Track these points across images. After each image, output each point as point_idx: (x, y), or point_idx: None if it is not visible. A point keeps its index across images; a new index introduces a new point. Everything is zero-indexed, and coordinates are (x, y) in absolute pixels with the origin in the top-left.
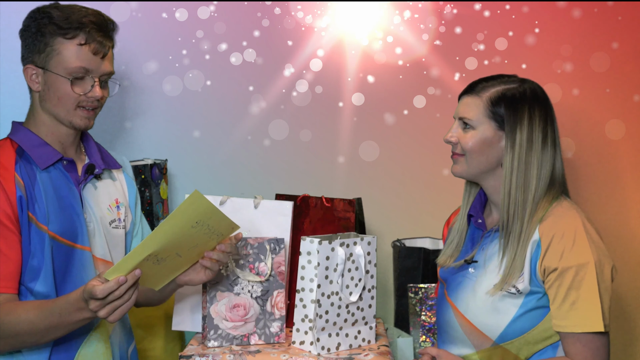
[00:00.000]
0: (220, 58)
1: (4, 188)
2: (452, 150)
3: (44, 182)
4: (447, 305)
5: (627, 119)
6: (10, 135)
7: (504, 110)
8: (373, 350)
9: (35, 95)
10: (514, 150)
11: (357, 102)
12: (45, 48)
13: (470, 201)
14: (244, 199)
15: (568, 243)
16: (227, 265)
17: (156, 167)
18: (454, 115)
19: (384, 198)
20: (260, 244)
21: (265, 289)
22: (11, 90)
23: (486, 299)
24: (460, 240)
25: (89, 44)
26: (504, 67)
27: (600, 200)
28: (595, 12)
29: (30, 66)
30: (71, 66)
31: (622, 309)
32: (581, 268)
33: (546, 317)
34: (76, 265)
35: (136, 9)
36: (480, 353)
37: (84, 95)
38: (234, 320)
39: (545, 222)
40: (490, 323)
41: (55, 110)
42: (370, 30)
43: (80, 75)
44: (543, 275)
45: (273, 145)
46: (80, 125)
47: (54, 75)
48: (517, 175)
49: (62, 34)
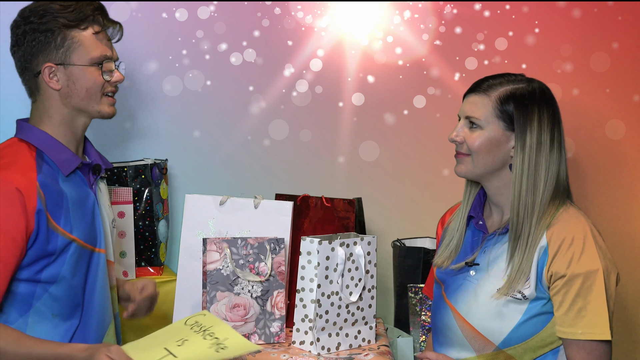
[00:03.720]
0: (220, 58)
1: (24, 203)
2: (457, 150)
3: (67, 188)
4: (445, 307)
5: (627, 119)
6: (24, 137)
7: (514, 110)
8: (373, 350)
9: (52, 95)
10: (524, 152)
11: (357, 102)
12: (64, 43)
13: (471, 202)
14: (244, 199)
15: (577, 250)
16: (227, 265)
17: (156, 167)
18: (458, 113)
19: (384, 198)
20: (260, 244)
21: (265, 289)
22: (11, 90)
23: (490, 304)
24: (459, 242)
25: (104, 31)
26: (504, 67)
27: (600, 201)
28: (595, 12)
29: (49, 65)
30: (95, 55)
31: (621, 311)
32: (589, 275)
33: (549, 323)
34: (94, 268)
35: (136, 9)
36: (482, 357)
37: (109, 81)
38: (234, 320)
39: (553, 228)
40: (494, 328)
41: (83, 103)
42: (370, 30)
43: (103, 63)
44: (549, 281)
45: (273, 145)
46: (109, 112)
47: (78, 68)
48: (528, 177)
49: (75, 25)
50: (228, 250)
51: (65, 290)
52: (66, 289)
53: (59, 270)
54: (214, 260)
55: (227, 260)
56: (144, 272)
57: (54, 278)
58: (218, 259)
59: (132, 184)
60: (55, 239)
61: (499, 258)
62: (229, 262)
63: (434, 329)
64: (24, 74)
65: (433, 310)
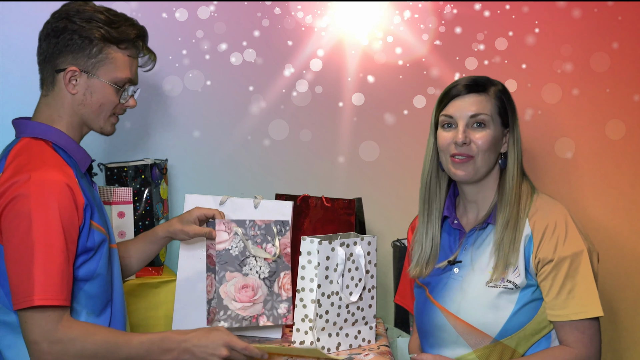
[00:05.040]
0: (220, 58)
1: (74, 198)
2: (459, 152)
3: (84, 186)
4: (433, 308)
5: (627, 119)
6: (38, 135)
7: (508, 106)
8: (373, 350)
9: (65, 96)
10: (516, 145)
11: (357, 102)
12: (98, 55)
13: (442, 203)
14: (244, 199)
15: (561, 234)
16: (236, 245)
17: (156, 167)
18: (452, 114)
19: (384, 198)
20: (267, 225)
21: (272, 270)
22: (11, 90)
23: (482, 297)
24: (435, 248)
25: (139, 57)
26: (504, 67)
27: (600, 200)
28: (595, 12)
29: (74, 68)
30: (121, 76)
31: (611, 308)
32: (575, 257)
33: (540, 309)
34: (115, 264)
35: (136, 9)
36: (478, 351)
37: (122, 104)
38: (242, 301)
39: (535, 216)
40: (489, 321)
41: (91, 116)
42: (370, 30)
43: (125, 86)
44: (536, 268)
45: (273, 145)
46: (109, 131)
47: (101, 82)
48: (519, 169)
49: (115, 42)
50: (239, 229)
51: (101, 286)
52: (102, 285)
53: (95, 267)
54: (222, 240)
55: (238, 239)
56: (144, 271)
57: (91, 275)
58: (227, 239)
59: (132, 184)
60: (93, 235)
61: (482, 253)
62: (241, 240)
63: (422, 332)
64: (44, 63)
65: (418, 314)
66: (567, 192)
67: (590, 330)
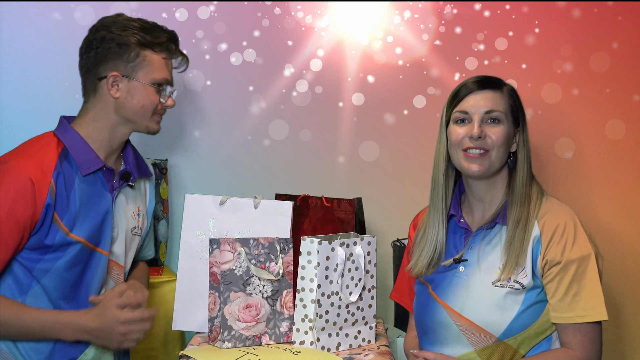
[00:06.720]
0: (220, 58)
1: (34, 194)
2: (473, 146)
3: (80, 188)
4: (436, 305)
5: (627, 119)
6: (58, 133)
7: (517, 104)
8: (373, 350)
9: (107, 101)
10: (526, 144)
11: (357, 102)
12: (136, 59)
13: (449, 201)
14: (244, 199)
15: (569, 237)
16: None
17: (156, 167)
18: (466, 110)
19: (384, 198)
20: (271, 244)
21: (275, 288)
22: (11, 89)
23: (488, 297)
24: (442, 248)
25: (173, 59)
26: (504, 67)
27: (600, 200)
28: (595, 12)
29: (115, 74)
30: (158, 77)
31: (616, 308)
32: (583, 260)
33: (544, 311)
34: (91, 267)
35: (136, 9)
36: (480, 351)
37: (162, 104)
38: (246, 320)
39: (544, 218)
40: (494, 320)
41: (135, 117)
42: (370, 30)
43: (163, 86)
44: (543, 269)
45: (273, 145)
46: (155, 129)
47: (141, 85)
48: (528, 168)
49: (150, 46)
50: (242, 250)
51: (57, 283)
52: (58, 282)
53: (53, 264)
54: (227, 260)
55: (242, 259)
56: None
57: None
58: (231, 259)
59: None
60: (54, 234)
61: (490, 252)
62: (244, 261)
63: (422, 329)
64: (87, 74)
65: (419, 311)
66: (567, 192)
67: (593, 334)
